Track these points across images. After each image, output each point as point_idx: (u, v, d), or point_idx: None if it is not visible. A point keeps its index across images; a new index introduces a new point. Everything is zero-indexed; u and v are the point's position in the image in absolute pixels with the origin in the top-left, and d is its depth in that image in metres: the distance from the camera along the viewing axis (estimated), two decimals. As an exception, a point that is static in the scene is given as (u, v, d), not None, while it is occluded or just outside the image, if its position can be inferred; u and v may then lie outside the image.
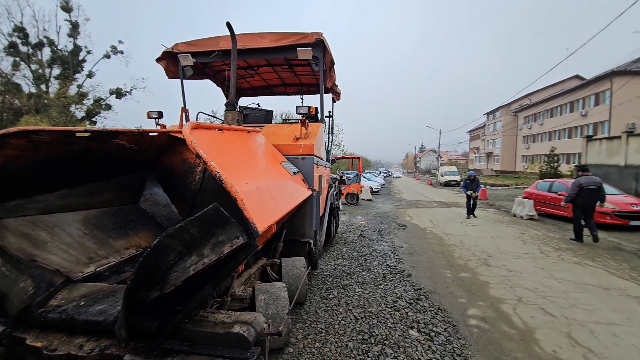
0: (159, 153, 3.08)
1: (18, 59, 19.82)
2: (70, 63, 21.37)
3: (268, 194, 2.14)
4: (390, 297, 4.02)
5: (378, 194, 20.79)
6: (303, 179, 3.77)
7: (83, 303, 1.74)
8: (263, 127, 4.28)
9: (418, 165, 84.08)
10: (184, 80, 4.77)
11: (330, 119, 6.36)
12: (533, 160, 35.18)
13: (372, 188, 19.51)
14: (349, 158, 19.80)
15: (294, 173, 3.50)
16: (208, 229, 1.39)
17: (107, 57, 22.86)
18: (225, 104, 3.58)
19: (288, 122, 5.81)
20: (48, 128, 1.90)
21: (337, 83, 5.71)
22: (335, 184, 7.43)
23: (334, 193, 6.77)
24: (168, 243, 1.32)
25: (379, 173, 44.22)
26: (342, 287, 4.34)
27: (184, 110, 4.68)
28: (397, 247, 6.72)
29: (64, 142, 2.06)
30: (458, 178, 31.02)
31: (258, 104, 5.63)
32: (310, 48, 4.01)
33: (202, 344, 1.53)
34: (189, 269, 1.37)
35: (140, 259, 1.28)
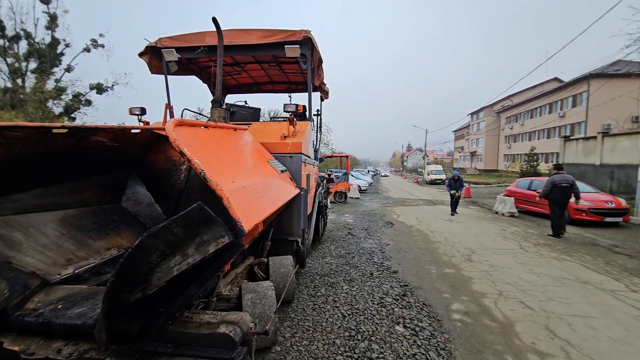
0: (142, 151, 2.99)
1: (-6, 53, 18.85)
2: (48, 56, 20.41)
3: (255, 193, 2.12)
4: (377, 293, 4.07)
5: (366, 192, 21.01)
6: (291, 178, 3.76)
7: (61, 306, 1.68)
8: (250, 124, 4.23)
9: (405, 164, 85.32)
10: (169, 76, 4.66)
11: (319, 117, 6.36)
12: (514, 160, 36.34)
13: (360, 186, 19.69)
14: (338, 156, 19.85)
15: (282, 171, 3.48)
16: (192, 228, 1.36)
17: (87, 50, 21.95)
18: (212, 101, 3.52)
19: (276, 120, 5.78)
20: (22, 124, 1.82)
21: (325, 82, 5.70)
22: (324, 183, 7.46)
23: (322, 191, 6.78)
24: (150, 243, 1.29)
25: (367, 172, 44.64)
26: (329, 284, 4.37)
27: (168, 107, 4.58)
28: (384, 244, 6.81)
29: (40, 138, 1.96)
30: (443, 177, 31.62)
31: (245, 102, 5.57)
32: (298, 46, 3.98)
33: (186, 345, 1.51)
34: (173, 270, 1.34)
35: (121, 260, 1.25)
